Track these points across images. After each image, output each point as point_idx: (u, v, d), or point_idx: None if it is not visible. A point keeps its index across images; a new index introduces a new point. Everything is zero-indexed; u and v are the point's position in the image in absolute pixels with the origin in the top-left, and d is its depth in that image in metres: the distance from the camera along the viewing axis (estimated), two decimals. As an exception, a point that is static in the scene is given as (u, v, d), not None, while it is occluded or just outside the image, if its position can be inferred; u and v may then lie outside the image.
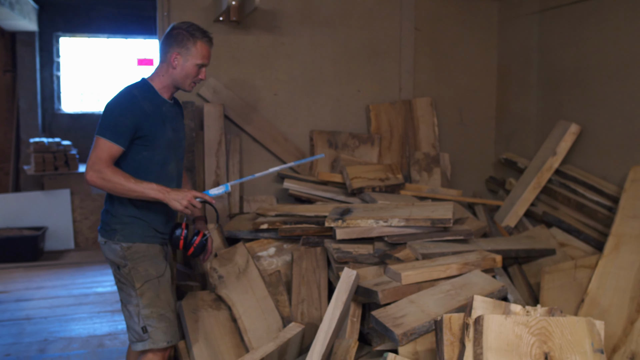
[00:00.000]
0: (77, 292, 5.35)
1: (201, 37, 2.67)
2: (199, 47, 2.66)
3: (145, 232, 2.67)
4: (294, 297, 3.28)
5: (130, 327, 2.67)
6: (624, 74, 3.61)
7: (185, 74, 2.67)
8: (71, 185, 7.22)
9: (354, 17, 4.52)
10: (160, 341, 2.62)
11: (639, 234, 3.03)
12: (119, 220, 2.66)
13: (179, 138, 2.79)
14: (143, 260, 2.64)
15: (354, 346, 2.57)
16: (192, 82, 2.71)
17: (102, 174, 2.48)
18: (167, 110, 2.71)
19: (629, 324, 2.65)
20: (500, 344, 2.02)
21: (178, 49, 2.64)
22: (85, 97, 9.84)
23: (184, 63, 2.65)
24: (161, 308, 2.64)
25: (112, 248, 2.67)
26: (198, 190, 2.66)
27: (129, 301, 2.66)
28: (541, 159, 4.00)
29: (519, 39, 4.58)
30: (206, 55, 2.69)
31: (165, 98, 2.72)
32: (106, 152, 2.52)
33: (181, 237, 2.67)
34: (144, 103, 2.61)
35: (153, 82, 2.71)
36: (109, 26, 9.49)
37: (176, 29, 2.67)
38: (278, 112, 4.40)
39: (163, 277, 2.68)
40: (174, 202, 2.51)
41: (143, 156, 2.63)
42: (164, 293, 2.67)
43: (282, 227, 3.49)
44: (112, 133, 2.52)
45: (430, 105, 4.64)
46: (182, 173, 2.89)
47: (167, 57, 2.67)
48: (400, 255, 3.10)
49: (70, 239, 7.12)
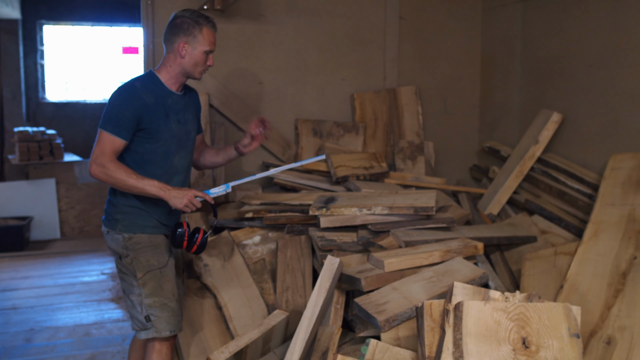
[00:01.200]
0: (63, 281, 5.36)
1: (206, 23, 2.67)
2: (205, 34, 2.66)
3: (147, 223, 2.68)
4: (278, 284, 3.31)
5: (134, 316, 2.68)
6: (605, 63, 3.65)
7: (194, 61, 2.67)
8: (56, 175, 7.20)
9: (339, 6, 4.52)
10: (164, 330, 2.64)
11: (617, 221, 3.08)
12: (120, 210, 2.68)
13: (187, 130, 2.78)
14: (145, 251, 2.66)
15: (337, 332, 2.60)
16: (202, 70, 2.72)
17: (105, 168, 2.50)
18: (172, 102, 2.70)
19: (606, 309, 2.70)
20: (480, 330, 2.06)
21: (185, 38, 2.64)
22: (69, 86, 9.78)
23: (192, 51, 2.65)
24: (164, 297, 2.66)
25: (114, 238, 2.68)
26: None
27: (131, 291, 2.68)
28: (524, 148, 4.05)
29: (502, 28, 4.61)
30: (213, 41, 2.70)
31: (173, 90, 2.72)
32: (109, 145, 2.53)
33: (185, 237, 2.67)
34: (146, 95, 2.61)
35: (160, 74, 2.71)
36: (93, 14, 9.42)
37: (179, 18, 2.67)
38: (263, 101, 4.41)
39: (166, 267, 2.69)
40: (174, 200, 2.54)
41: (145, 148, 2.64)
42: (166, 283, 2.68)
43: (267, 215, 3.51)
44: (114, 126, 2.54)
45: (415, 93, 4.67)
46: (190, 168, 2.88)
47: (174, 46, 2.66)
48: (383, 243, 3.13)
49: (56, 229, 7.11)
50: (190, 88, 2.90)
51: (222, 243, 3.43)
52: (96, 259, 6.14)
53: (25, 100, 9.06)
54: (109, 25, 9.63)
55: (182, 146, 2.77)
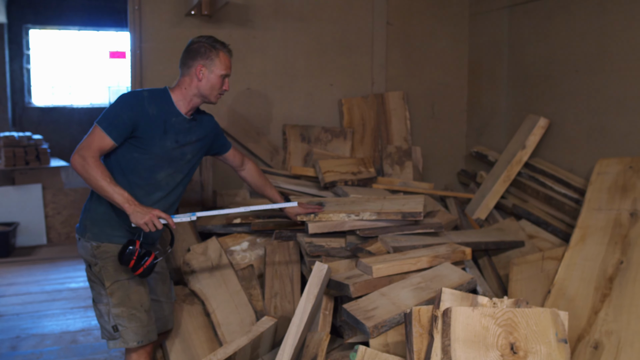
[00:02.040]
0: (49, 288, 5.31)
1: (222, 48, 2.72)
2: (222, 58, 2.70)
3: (115, 232, 2.66)
4: (267, 291, 3.30)
5: (102, 325, 2.68)
6: (591, 68, 3.67)
7: (211, 85, 2.70)
8: (43, 180, 7.14)
9: (326, 11, 4.53)
10: (131, 340, 2.63)
11: (604, 225, 3.09)
12: (91, 217, 2.67)
13: (183, 152, 2.76)
14: (113, 260, 2.63)
15: (326, 339, 2.60)
16: (218, 94, 2.75)
17: (85, 161, 2.49)
18: (176, 122, 2.70)
19: (593, 314, 2.71)
20: (468, 335, 2.06)
21: (202, 61, 2.67)
22: (56, 91, 9.73)
23: (209, 74, 2.68)
24: (132, 308, 2.64)
25: (84, 245, 2.67)
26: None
27: (99, 300, 2.67)
28: (511, 153, 4.07)
29: (489, 34, 4.63)
30: (229, 66, 2.74)
31: (182, 111, 2.72)
32: (97, 141, 2.53)
33: (134, 256, 2.53)
34: (150, 105, 2.62)
35: (173, 93, 2.72)
36: (80, 18, 9.38)
37: (196, 43, 2.71)
38: (251, 106, 4.40)
39: (134, 278, 2.67)
40: (136, 215, 2.48)
41: (133, 157, 2.64)
42: (134, 294, 2.66)
43: (255, 221, 3.50)
44: (109, 125, 2.55)
45: (402, 99, 4.68)
46: (180, 189, 2.83)
47: (192, 70, 2.69)
48: (371, 249, 3.14)
49: (42, 235, 7.05)
50: (203, 113, 2.90)
51: (210, 249, 3.42)
52: (83, 265, 6.03)
53: (11, 105, 9.00)
54: (96, 29, 9.59)
55: (173, 165, 2.74)
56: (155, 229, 2.52)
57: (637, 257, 2.84)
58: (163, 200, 2.75)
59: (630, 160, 3.32)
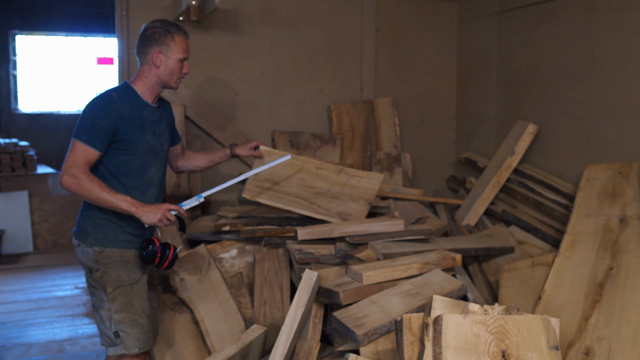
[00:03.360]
0: (36, 296, 5.25)
1: (177, 31, 2.66)
2: (178, 42, 2.65)
3: (118, 237, 2.63)
4: (256, 298, 3.27)
5: (103, 332, 2.64)
6: (579, 75, 3.69)
7: (170, 71, 2.65)
8: (29, 187, 7.07)
9: (315, 17, 4.52)
10: (132, 347, 2.60)
11: (593, 231, 3.10)
12: (92, 222, 2.63)
13: (161, 142, 2.75)
14: (115, 266, 2.61)
15: (316, 347, 2.58)
16: (178, 78, 2.71)
17: (78, 180, 2.45)
18: (148, 114, 2.67)
19: (583, 320, 2.71)
20: (459, 343, 2.05)
21: (158, 47, 2.62)
22: (43, 97, 9.66)
23: (167, 60, 2.63)
24: (134, 314, 2.61)
25: (85, 251, 2.63)
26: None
27: (100, 306, 2.63)
28: (500, 159, 4.07)
29: (478, 40, 4.64)
30: (186, 49, 2.69)
31: (149, 101, 2.69)
32: (82, 156, 2.48)
33: (158, 253, 2.59)
34: (122, 106, 2.57)
35: (135, 86, 2.67)
36: (68, 24, 9.33)
37: (150, 29, 2.65)
38: (239, 113, 4.38)
39: (137, 283, 2.64)
40: (147, 215, 2.49)
41: (121, 160, 2.60)
42: (137, 299, 2.63)
43: (244, 228, 3.48)
44: (89, 136, 2.49)
45: (392, 105, 4.68)
46: (164, 179, 2.84)
47: (148, 58, 2.64)
48: (361, 256, 3.12)
49: (28, 242, 6.98)
50: (163, 100, 2.87)
51: (199, 257, 3.39)
52: (70, 272, 6.03)
53: (-2, 111, 8.93)
54: (84, 35, 9.54)
55: (157, 158, 2.74)
56: (170, 222, 2.53)
57: (627, 263, 2.85)
58: (156, 194, 2.76)
59: (618, 166, 3.33)
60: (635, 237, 2.95)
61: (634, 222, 3.01)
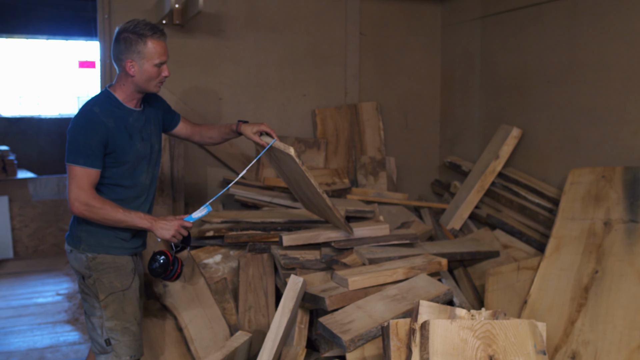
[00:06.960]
0: (16, 303, 5.17)
1: (151, 34, 2.50)
2: (151, 47, 2.50)
3: (112, 243, 2.60)
4: (240, 304, 3.24)
5: (94, 339, 2.60)
6: (562, 79, 3.70)
7: (146, 77, 2.53)
8: (9, 192, 6.96)
9: (300, 22, 4.51)
10: (124, 355, 2.57)
11: (578, 235, 3.10)
12: (85, 228, 2.59)
13: (151, 145, 2.70)
14: (108, 272, 2.57)
15: (302, 353, 2.56)
16: (157, 83, 2.59)
17: (90, 206, 2.42)
18: (134, 121, 2.60)
19: (569, 324, 2.71)
20: (446, 349, 2.03)
21: (130, 56, 2.50)
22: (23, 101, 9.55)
23: (141, 68, 2.51)
24: (126, 321, 2.58)
25: (78, 257, 2.59)
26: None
27: (92, 313, 2.59)
28: (484, 163, 4.07)
29: (461, 45, 4.65)
30: (162, 52, 2.54)
31: (131, 107, 2.61)
32: (85, 179, 2.44)
33: (170, 266, 2.61)
34: (107, 119, 2.50)
35: (116, 92, 2.58)
36: (49, 27, 9.22)
37: (122, 33, 2.52)
38: (223, 117, 4.35)
39: (129, 290, 2.61)
40: (161, 231, 2.50)
41: (113, 172, 2.56)
42: (129, 306, 2.61)
43: (229, 233, 3.45)
44: (86, 158, 2.44)
45: (376, 109, 4.67)
46: (156, 181, 2.79)
47: (122, 65, 2.53)
48: (347, 261, 3.10)
49: (8, 248, 6.86)
50: (148, 98, 2.76)
51: (183, 262, 3.35)
52: (51, 279, 5.95)
53: (-23, 115, 8.81)
54: (65, 38, 9.44)
55: (149, 162, 2.69)
56: (182, 237, 2.55)
57: (612, 266, 2.86)
58: (149, 199, 2.73)
59: (602, 170, 3.34)
60: (619, 240, 2.96)
61: (618, 226, 3.02)
